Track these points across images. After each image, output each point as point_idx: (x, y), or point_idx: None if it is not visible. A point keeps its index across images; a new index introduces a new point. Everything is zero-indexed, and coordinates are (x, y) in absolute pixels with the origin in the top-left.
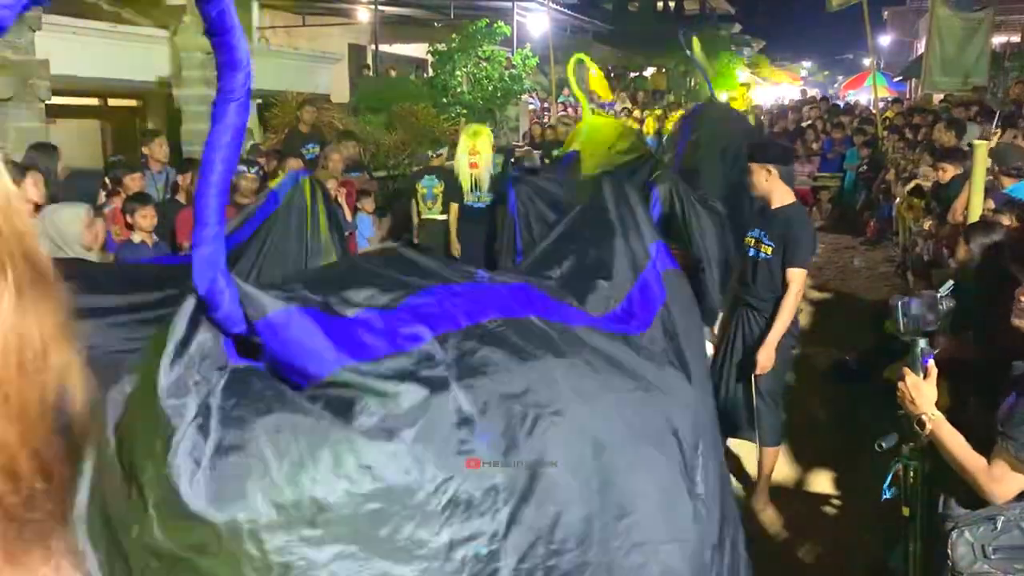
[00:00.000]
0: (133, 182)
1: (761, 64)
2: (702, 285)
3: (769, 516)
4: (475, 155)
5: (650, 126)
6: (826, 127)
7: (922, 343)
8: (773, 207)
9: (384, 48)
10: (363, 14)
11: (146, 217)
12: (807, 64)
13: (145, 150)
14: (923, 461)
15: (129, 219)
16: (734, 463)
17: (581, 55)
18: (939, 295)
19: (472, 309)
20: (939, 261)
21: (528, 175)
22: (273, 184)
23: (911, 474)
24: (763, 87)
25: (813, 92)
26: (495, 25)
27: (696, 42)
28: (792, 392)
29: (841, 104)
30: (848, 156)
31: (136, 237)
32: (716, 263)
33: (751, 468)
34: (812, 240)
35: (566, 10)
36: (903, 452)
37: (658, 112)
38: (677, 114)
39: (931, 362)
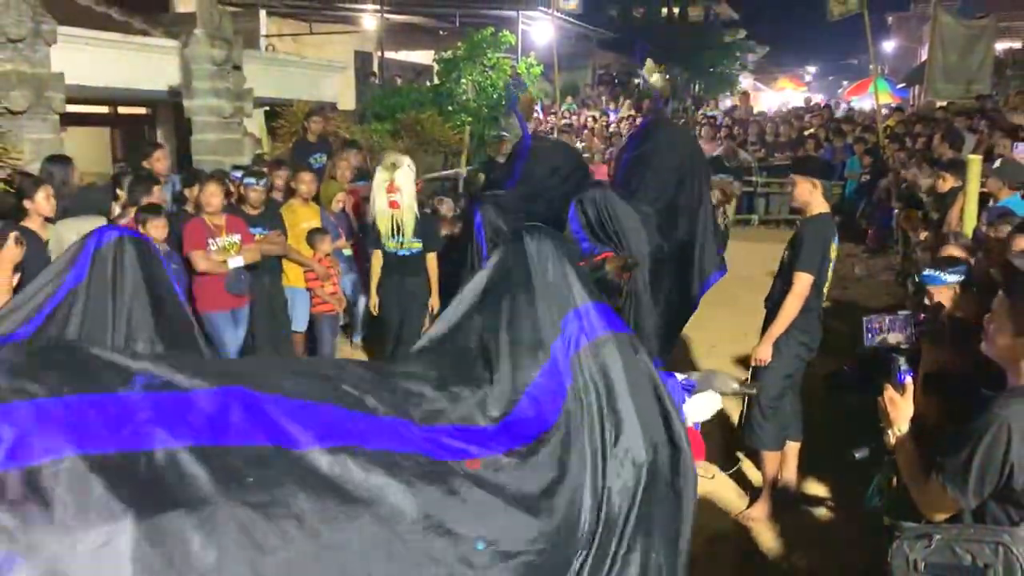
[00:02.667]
0: (154, 197)
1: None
2: (635, 282)
3: (768, 523)
4: (394, 192)
5: None
6: (828, 135)
7: (900, 360)
8: (807, 215)
9: (390, 55)
10: (369, 22)
11: (158, 227)
12: (812, 69)
13: (146, 164)
14: (899, 473)
15: (142, 229)
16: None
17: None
18: (914, 316)
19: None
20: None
21: (490, 194)
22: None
23: (892, 484)
24: (766, 93)
25: (818, 98)
26: (500, 33)
27: (649, 63)
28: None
29: (845, 109)
30: (849, 164)
31: None
32: (643, 257)
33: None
34: (825, 249)
35: (571, 18)
36: (884, 463)
37: None
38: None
39: (908, 379)
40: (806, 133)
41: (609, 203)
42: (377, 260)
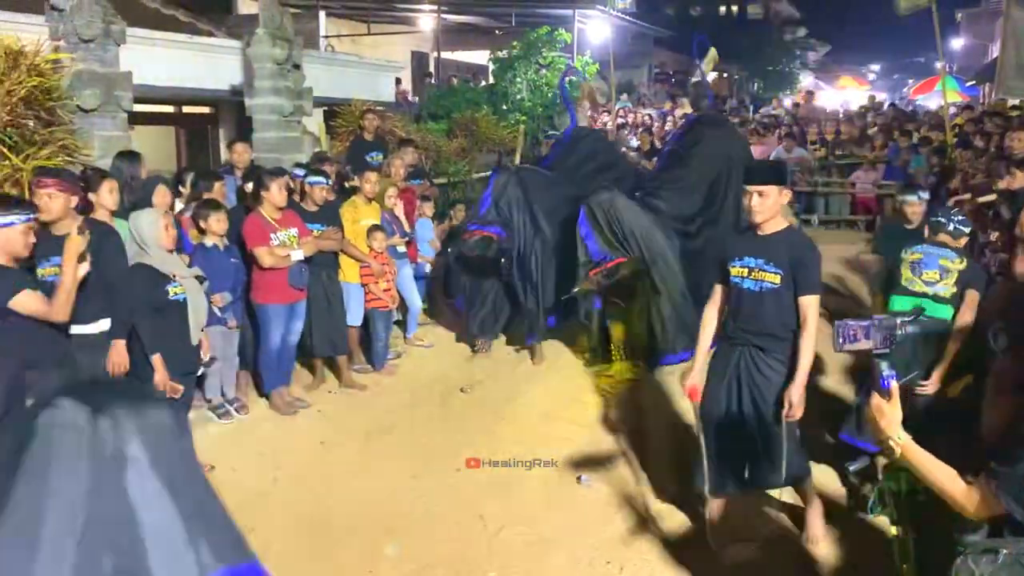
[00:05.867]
0: (217, 192)
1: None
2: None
3: (825, 546)
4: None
5: None
6: (893, 134)
7: (883, 365)
8: (769, 232)
9: (446, 56)
10: (426, 22)
11: (219, 222)
12: (875, 67)
13: (227, 156)
14: (900, 481)
15: (202, 223)
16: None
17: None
18: (900, 320)
19: None
20: (1006, 273)
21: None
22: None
23: (895, 494)
24: (827, 92)
25: (881, 96)
26: (556, 32)
27: (712, 54)
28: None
29: (910, 108)
30: (914, 162)
31: (209, 240)
32: (658, 255)
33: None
34: (820, 263)
35: (627, 16)
36: (884, 473)
37: None
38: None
39: (893, 384)
40: (869, 132)
41: (615, 209)
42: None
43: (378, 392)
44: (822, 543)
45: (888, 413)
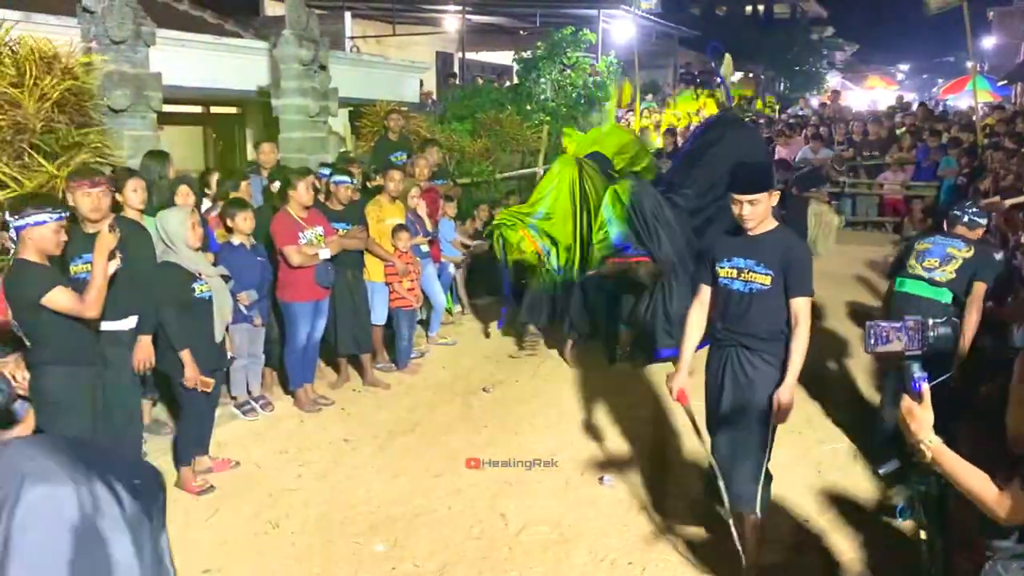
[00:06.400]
0: (244, 191)
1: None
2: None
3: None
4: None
5: None
6: (922, 134)
7: (915, 367)
8: (758, 232)
9: (471, 56)
10: (451, 23)
11: (246, 220)
12: (904, 67)
13: (254, 156)
14: (930, 485)
15: (229, 222)
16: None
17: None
18: (932, 321)
19: None
20: None
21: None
22: None
23: (923, 497)
24: (854, 92)
25: (910, 96)
26: (580, 32)
27: (728, 60)
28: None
29: (940, 108)
30: (943, 163)
31: (235, 239)
32: (675, 252)
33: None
34: (812, 264)
35: (652, 16)
36: (912, 476)
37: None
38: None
39: (924, 387)
40: (898, 132)
41: (637, 198)
42: None
43: (401, 391)
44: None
45: (919, 416)
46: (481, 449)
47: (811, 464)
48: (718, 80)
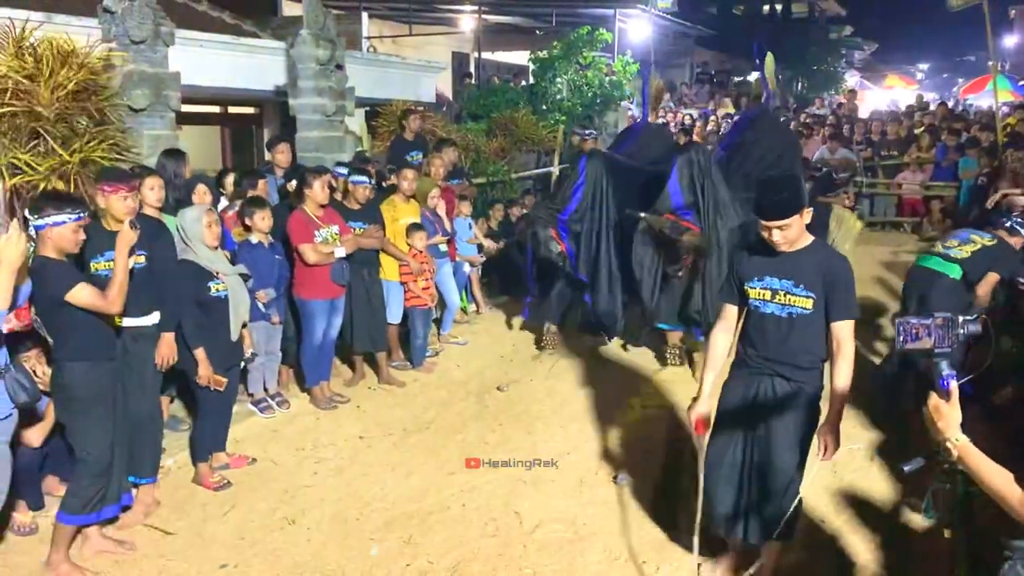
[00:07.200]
0: (261, 190)
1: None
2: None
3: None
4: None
5: None
6: (941, 134)
7: (943, 365)
8: (795, 248)
9: (487, 56)
10: (467, 23)
11: (264, 219)
12: (923, 66)
13: (269, 157)
14: (956, 483)
15: (248, 221)
16: None
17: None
18: (963, 319)
19: None
20: None
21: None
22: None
23: (948, 496)
24: (873, 91)
25: (930, 96)
26: (597, 32)
27: (770, 58)
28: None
29: (959, 109)
30: (962, 164)
31: (254, 238)
32: (726, 234)
33: None
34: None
35: (668, 16)
36: (937, 474)
37: None
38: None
39: (953, 384)
40: (916, 132)
41: (705, 165)
42: None
43: (416, 389)
44: None
45: (946, 414)
46: (495, 447)
47: (827, 464)
48: (760, 80)
